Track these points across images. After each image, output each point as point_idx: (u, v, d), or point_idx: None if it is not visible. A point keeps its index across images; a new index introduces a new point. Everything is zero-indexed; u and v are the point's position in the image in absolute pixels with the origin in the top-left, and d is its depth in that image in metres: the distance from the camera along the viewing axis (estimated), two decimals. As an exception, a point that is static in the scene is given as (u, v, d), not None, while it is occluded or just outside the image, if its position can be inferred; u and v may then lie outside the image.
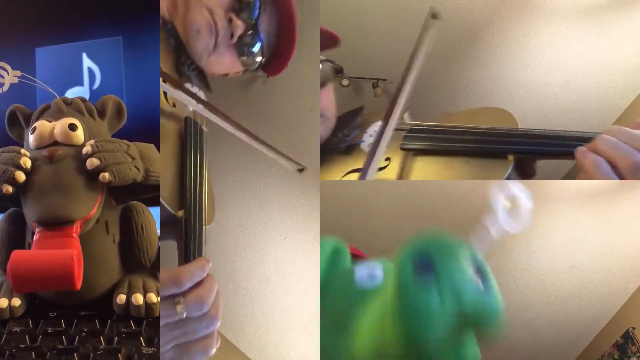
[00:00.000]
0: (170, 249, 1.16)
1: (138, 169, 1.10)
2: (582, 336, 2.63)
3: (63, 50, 1.75)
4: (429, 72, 2.23)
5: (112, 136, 1.23)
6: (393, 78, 2.21)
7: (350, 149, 1.50)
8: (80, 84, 1.76)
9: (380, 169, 1.32)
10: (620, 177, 0.92)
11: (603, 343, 2.57)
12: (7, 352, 0.99)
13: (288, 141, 1.96)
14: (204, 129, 1.31)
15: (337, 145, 1.52)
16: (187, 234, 1.15)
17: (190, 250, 1.16)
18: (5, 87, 1.19)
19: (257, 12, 1.33)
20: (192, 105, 1.22)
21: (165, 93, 1.24)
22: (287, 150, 1.45)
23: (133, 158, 1.11)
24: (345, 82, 1.84)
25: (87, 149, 1.08)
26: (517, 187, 0.51)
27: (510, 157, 1.16)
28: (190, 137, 1.25)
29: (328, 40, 1.56)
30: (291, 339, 2.03)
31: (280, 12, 1.37)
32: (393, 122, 1.27)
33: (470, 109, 1.49)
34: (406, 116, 1.43)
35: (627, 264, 2.37)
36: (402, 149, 1.33)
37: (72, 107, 1.18)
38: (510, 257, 2.39)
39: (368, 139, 1.48)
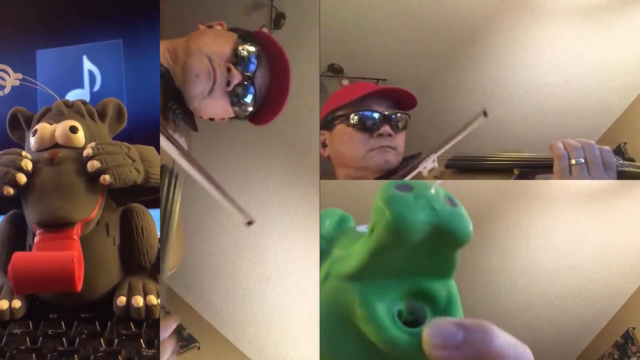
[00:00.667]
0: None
1: (138, 171, 1.10)
2: (582, 336, 2.63)
3: (64, 52, 1.75)
4: (429, 72, 2.23)
5: (113, 138, 1.23)
6: (393, 78, 2.21)
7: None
8: (81, 86, 1.76)
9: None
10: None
11: (603, 343, 2.56)
12: (8, 353, 0.99)
13: (288, 141, 1.96)
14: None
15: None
16: None
17: None
18: (7, 90, 1.20)
19: (254, 66, 1.41)
20: (172, 153, 1.23)
21: None
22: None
23: (133, 160, 1.11)
24: (345, 82, 1.84)
25: (87, 152, 1.08)
26: None
27: (515, 170, 1.42)
28: (164, 186, 1.27)
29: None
30: (291, 339, 2.03)
31: (275, 72, 1.44)
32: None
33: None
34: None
35: (627, 264, 2.37)
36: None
37: (73, 109, 1.18)
38: (510, 257, 2.38)
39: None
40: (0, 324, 1.06)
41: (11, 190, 1.04)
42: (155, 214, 1.21)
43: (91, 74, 1.76)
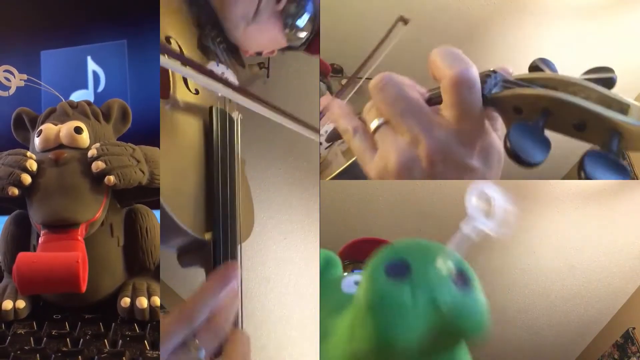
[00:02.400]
0: (197, 278, 1.06)
1: (143, 172, 1.10)
2: (582, 336, 2.64)
3: (68, 53, 1.75)
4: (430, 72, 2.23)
5: (117, 139, 1.23)
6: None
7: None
8: (85, 87, 1.76)
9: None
10: None
11: (603, 343, 2.57)
12: (12, 353, 0.99)
13: (288, 141, 1.96)
14: (236, 116, 1.16)
15: None
16: (216, 259, 1.03)
17: None
18: (12, 91, 1.19)
19: None
20: (220, 91, 1.07)
21: (185, 79, 1.10)
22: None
23: (138, 161, 1.10)
24: (345, 82, 1.84)
25: (92, 152, 1.08)
26: (491, 188, 0.50)
27: None
28: (217, 130, 1.11)
29: (321, 68, 1.49)
30: (291, 339, 2.03)
31: None
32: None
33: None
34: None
35: (627, 264, 2.38)
36: None
37: (78, 110, 1.18)
38: (510, 257, 2.39)
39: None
40: (4, 324, 1.06)
41: (16, 191, 1.04)
42: (158, 214, 1.21)
43: (95, 75, 1.75)
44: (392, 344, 0.41)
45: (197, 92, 1.11)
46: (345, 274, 0.64)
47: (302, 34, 1.19)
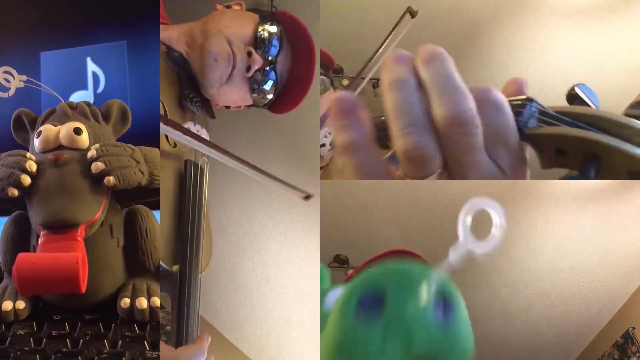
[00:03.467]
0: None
1: (142, 172, 1.10)
2: (582, 336, 2.64)
3: (68, 54, 1.75)
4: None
5: (117, 140, 1.23)
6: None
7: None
8: (85, 87, 1.76)
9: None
10: None
11: (603, 343, 2.57)
12: (12, 354, 0.99)
13: (288, 141, 1.96)
14: (204, 163, 1.34)
15: None
16: (181, 286, 1.21)
17: (184, 304, 1.21)
18: (11, 92, 1.19)
19: (276, 50, 1.36)
20: (193, 145, 1.22)
21: (166, 135, 1.25)
22: (290, 179, 1.43)
23: (137, 162, 1.11)
24: (345, 82, 1.84)
25: (92, 153, 1.08)
26: (489, 205, 0.48)
27: None
28: (190, 177, 1.29)
29: (325, 61, 1.55)
30: (291, 339, 2.03)
31: (298, 55, 1.40)
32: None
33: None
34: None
35: (627, 264, 2.38)
36: None
37: (78, 111, 1.18)
38: (510, 257, 2.39)
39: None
40: (4, 325, 1.06)
41: (15, 192, 1.04)
42: (159, 215, 1.21)
43: (95, 76, 1.76)
44: None
45: (174, 146, 1.29)
46: (331, 288, 0.63)
47: (269, 96, 1.40)
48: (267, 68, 1.35)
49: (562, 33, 2.17)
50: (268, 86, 1.37)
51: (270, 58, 1.35)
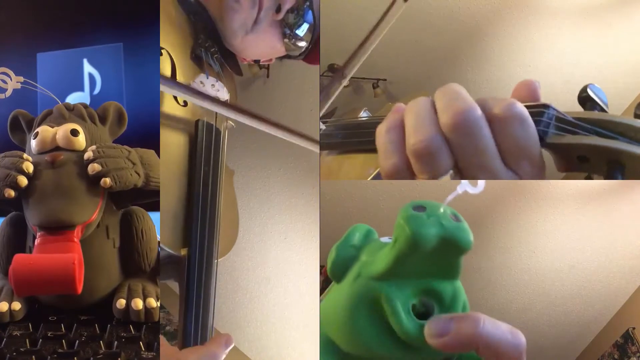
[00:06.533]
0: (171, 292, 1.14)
1: (139, 174, 1.10)
2: (582, 336, 2.64)
3: (64, 55, 1.75)
4: (429, 72, 2.24)
5: (113, 142, 1.23)
6: (393, 78, 2.21)
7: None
8: (81, 89, 1.76)
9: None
10: None
11: (603, 343, 2.58)
12: (8, 355, 0.99)
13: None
14: (224, 127, 1.19)
15: None
16: (189, 274, 1.12)
17: (192, 295, 1.12)
18: (8, 93, 1.19)
19: None
20: (210, 107, 1.10)
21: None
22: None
23: (134, 164, 1.11)
24: (345, 82, 1.84)
25: (88, 155, 1.08)
26: None
27: None
28: (202, 144, 1.16)
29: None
30: (291, 339, 2.03)
31: None
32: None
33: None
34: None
35: (627, 264, 2.38)
36: None
37: (74, 112, 1.18)
38: (510, 257, 2.39)
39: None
40: (-1, 325, 1.07)
41: (12, 193, 1.04)
42: (155, 216, 1.21)
43: (91, 77, 1.76)
44: (420, 241, 0.55)
45: (185, 104, 1.14)
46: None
47: (302, 43, 1.20)
48: (304, 6, 1.15)
49: (562, 33, 2.17)
50: (302, 31, 1.18)
51: None
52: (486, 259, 2.35)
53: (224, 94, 1.20)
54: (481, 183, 0.60)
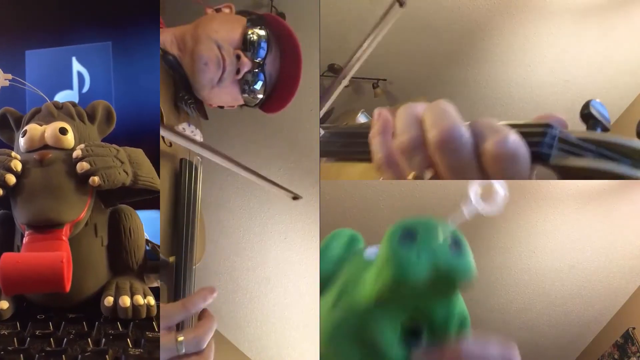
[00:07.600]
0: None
1: (127, 173, 1.10)
2: (582, 336, 2.63)
3: (53, 53, 1.75)
4: (430, 72, 2.23)
5: (102, 140, 1.23)
6: (393, 78, 2.21)
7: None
8: (70, 87, 1.76)
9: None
10: None
11: (603, 343, 2.57)
12: (-4, 354, 1.00)
13: (288, 141, 1.96)
14: (197, 162, 1.36)
15: None
16: (177, 277, 1.21)
17: (180, 292, 1.20)
18: (-3, 90, 1.20)
19: (264, 52, 1.38)
20: (189, 146, 1.25)
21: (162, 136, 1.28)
22: (281, 180, 1.46)
23: (122, 162, 1.11)
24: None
25: (77, 153, 1.08)
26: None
27: None
28: (185, 175, 1.31)
29: None
30: (291, 339, 2.03)
31: (286, 56, 1.44)
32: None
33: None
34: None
35: (627, 264, 2.38)
36: None
37: (63, 111, 1.18)
38: (511, 257, 2.39)
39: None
40: (-12, 325, 1.07)
41: (0, 191, 1.04)
42: (142, 215, 1.21)
43: (80, 76, 1.76)
44: (403, 285, 0.54)
45: (170, 145, 1.31)
46: (366, 247, 0.72)
47: (259, 95, 1.43)
48: (256, 70, 1.39)
49: (563, 33, 2.16)
50: (258, 86, 1.40)
51: (258, 60, 1.38)
52: (486, 259, 2.34)
53: (199, 137, 1.40)
54: (499, 202, 0.59)
